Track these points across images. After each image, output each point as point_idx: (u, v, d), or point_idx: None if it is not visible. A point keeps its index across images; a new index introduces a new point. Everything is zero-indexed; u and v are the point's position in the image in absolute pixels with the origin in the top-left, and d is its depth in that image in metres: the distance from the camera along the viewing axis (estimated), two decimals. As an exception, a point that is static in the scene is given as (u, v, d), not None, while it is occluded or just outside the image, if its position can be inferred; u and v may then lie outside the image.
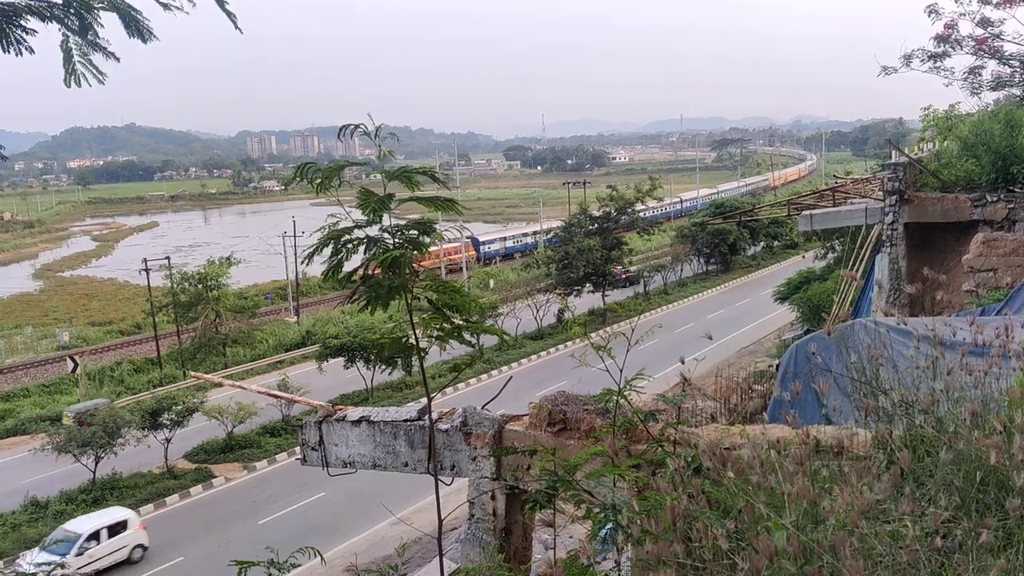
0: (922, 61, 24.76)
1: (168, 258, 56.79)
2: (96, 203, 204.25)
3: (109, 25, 5.30)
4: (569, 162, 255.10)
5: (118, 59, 5.36)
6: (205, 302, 52.03)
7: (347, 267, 5.01)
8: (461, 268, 70.47)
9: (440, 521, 4.95)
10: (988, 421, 3.54)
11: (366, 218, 4.63)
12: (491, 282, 69.92)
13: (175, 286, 53.58)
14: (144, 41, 5.30)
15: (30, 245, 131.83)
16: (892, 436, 3.84)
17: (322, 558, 5.44)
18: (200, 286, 52.55)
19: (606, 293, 57.02)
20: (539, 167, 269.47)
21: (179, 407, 33.91)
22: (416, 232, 4.74)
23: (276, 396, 19.24)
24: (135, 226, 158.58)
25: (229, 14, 5.28)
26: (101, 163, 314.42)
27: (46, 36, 5.27)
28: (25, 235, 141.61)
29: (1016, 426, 3.35)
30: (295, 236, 58.04)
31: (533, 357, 48.83)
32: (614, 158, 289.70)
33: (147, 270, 52.28)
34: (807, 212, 24.37)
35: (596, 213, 58.23)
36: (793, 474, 3.27)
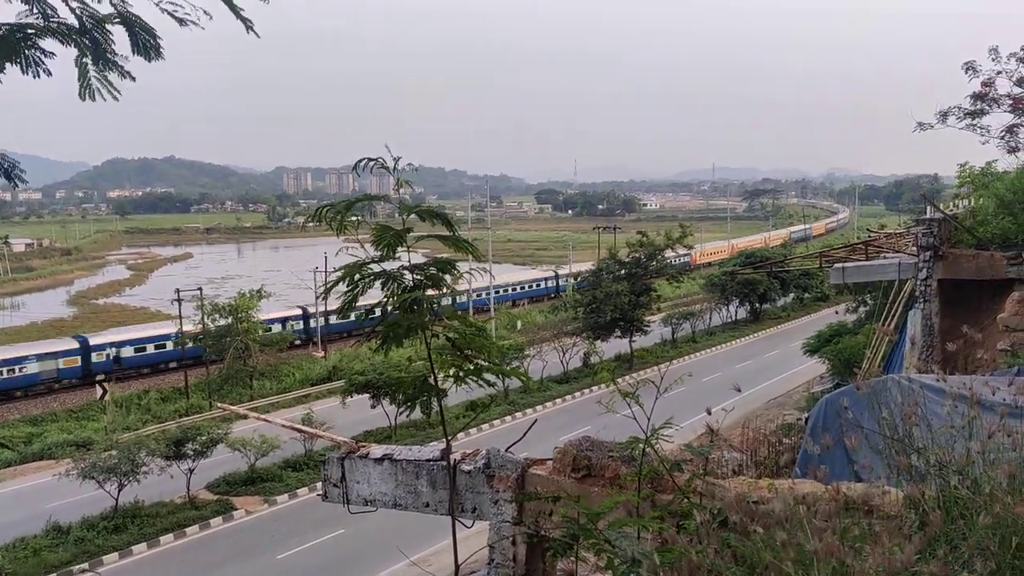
0: (958, 118, 24.63)
1: (200, 289, 57.38)
2: (133, 233, 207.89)
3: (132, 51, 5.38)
4: (600, 207, 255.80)
5: (133, 78, 5.43)
6: (234, 334, 52.48)
7: (365, 301, 4.99)
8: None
9: (457, 566, 4.89)
10: (1026, 485, 3.44)
11: (381, 253, 4.62)
12: (518, 323, 69.84)
13: (206, 317, 54.12)
14: (148, 60, 5.35)
15: (66, 272, 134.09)
16: (925, 496, 3.75)
17: None
18: (230, 318, 53.06)
19: (633, 339, 56.71)
20: (570, 211, 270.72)
21: (203, 437, 34.01)
22: (436, 271, 4.72)
23: (300, 430, 19.26)
24: (169, 256, 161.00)
25: (244, 20, 5.34)
26: (140, 194, 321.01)
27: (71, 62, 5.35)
28: (62, 262, 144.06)
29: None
30: (326, 271, 58.49)
31: (558, 401, 48.53)
32: (645, 204, 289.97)
33: (179, 300, 52.89)
34: (839, 265, 24.20)
35: (625, 259, 58.15)
36: (822, 531, 3.19)
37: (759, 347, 62.89)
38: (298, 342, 63.94)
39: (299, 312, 67.53)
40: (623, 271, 57.06)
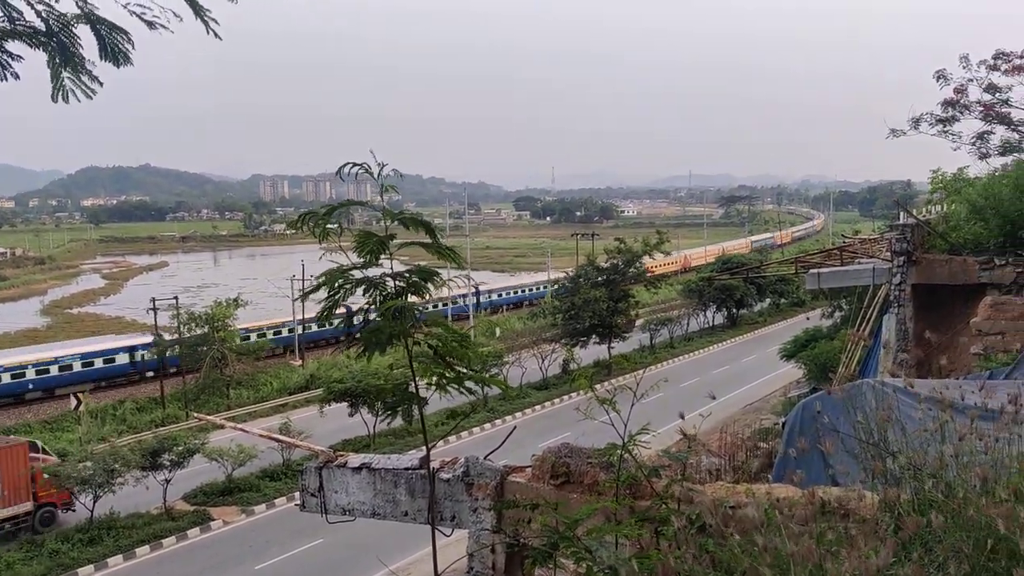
0: (930, 125, 24.99)
1: (176, 298, 56.87)
2: (108, 241, 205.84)
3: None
4: (578, 214, 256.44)
5: (101, 83, 5.37)
6: (211, 343, 52.07)
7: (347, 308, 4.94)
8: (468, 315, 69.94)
9: (437, 574, 4.87)
10: (997, 488, 3.49)
11: (363, 260, 4.58)
12: (497, 330, 69.82)
13: (182, 326, 53.66)
14: (117, 65, 5.29)
15: (40, 281, 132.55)
16: (900, 500, 3.78)
17: None
18: (207, 327, 52.64)
19: (612, 345, 56.85)
20: (548, 218, 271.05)
21: (180, 448, 33.68)
22: (419, 279, 4.70)
23: (277, 440, 19.16)
24: (145, 265, 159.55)
25: (205, 21, 5.31)
26: (115, 202, 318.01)
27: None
28: (36, 271, 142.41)
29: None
30: (303, 279, 58.18)
31: (537, 407, 48.53)
32: (623, 211, 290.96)
33: (155, 309, 52.42)
34: (814, 271, 24.37)
35: (604, 265, 58.32)
36: (798, 535, 3.22)
37: (736, 352, 63.23)
38: None
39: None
40: (601, 277, 57.22)
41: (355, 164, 4.53)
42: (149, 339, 55.63)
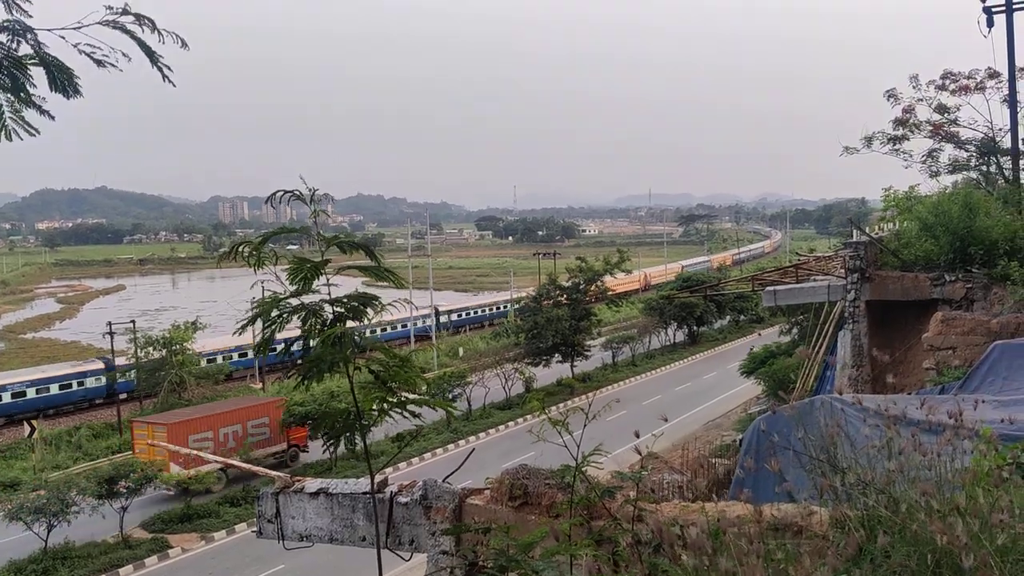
0: (882, 143, 25.58)
1: (133, 322, 56.01)
2: (63, 265, 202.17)
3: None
4: (540, 233, 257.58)
5: (52, 117, 5.38)
6: (169, 367, 51.33)
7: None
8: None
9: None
10: (937, 504, 3.56)
11: (297, 287, 4.54)
12: (460, 350, 69.71)
13: (139, 350, 52.83)
14: (67, 97, 5.32)
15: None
16: (849, 516, 3.84)
17: None
18: (164, 351, 51.89)
19: (575, 364, 56.97)
20: (510, 237, 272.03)
21: (137, 474, 33.06)
22: (357, 303, 4.67)
23: (235, 465, 18.94)
24: (101, 289, 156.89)
25: (160, 68, 5.34)
26: (70, 225, 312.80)
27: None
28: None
29: (969, 509, 3.37)
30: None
31: (500, 427, 48.40)
32: (584, 230, 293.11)
33: (111, 334, 51.53)
34: (771, 288, 24.66)
35: (565, 284, 58.60)
36: (746, 554, 3.25)
37: (698, 369, 63.69)
38: None
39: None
40: (563, 296, 57.44)
41: (285, 191, 4.51)
42: None
